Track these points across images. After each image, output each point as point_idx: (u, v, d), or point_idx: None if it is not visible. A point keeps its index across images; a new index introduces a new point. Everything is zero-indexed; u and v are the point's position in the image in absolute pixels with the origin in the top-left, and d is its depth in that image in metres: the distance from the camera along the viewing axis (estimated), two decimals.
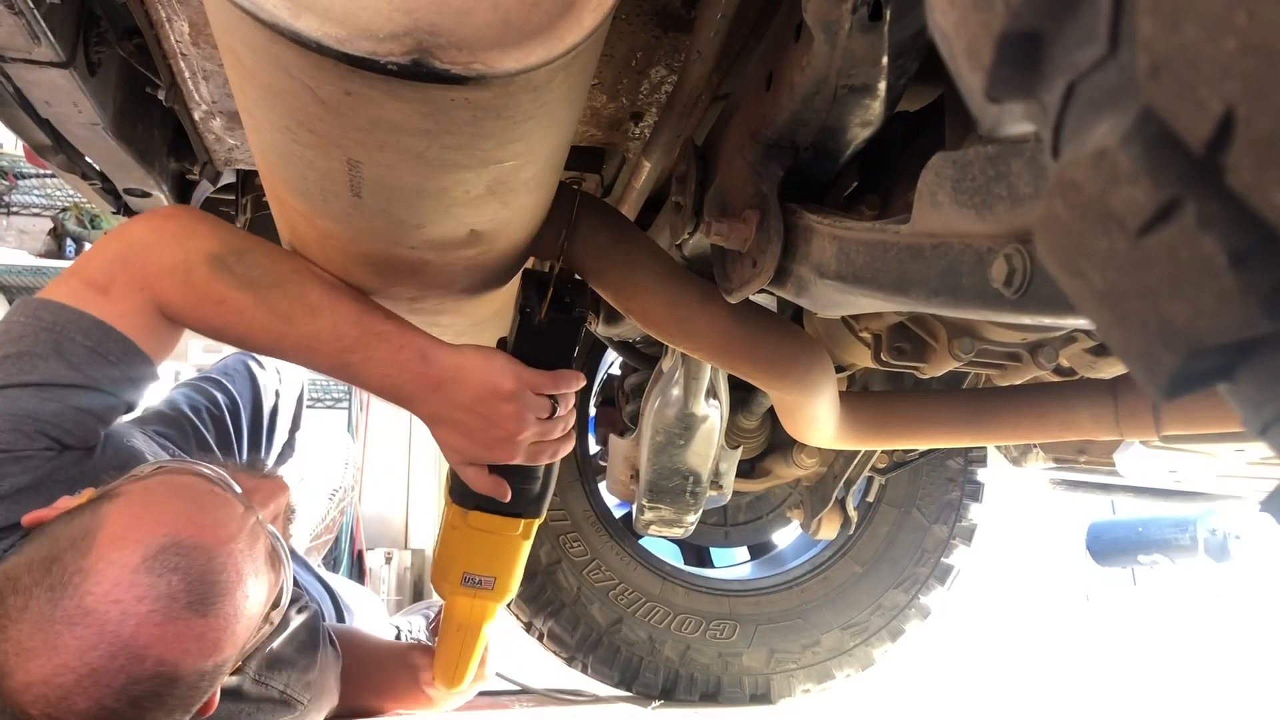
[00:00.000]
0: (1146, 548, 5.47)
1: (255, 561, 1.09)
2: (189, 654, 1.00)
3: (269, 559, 1.12)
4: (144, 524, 1.01)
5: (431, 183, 0.78)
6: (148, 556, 0.99)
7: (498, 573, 1.34)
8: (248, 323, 1.03)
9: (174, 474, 1.11)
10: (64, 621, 0.94)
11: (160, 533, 1.01)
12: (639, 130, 1.29)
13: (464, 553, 1.31)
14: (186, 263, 1.03)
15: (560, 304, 1.11)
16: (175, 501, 1.06)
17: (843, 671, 2.23)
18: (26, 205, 4.37)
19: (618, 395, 2.09)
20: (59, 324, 1.06)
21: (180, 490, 1.08)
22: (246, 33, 0.63)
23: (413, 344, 1.06)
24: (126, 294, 1.06)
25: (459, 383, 1.06)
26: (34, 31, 0.99)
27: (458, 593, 1.36)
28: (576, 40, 0.64)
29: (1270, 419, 0.26)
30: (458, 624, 1.43)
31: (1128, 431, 1.33)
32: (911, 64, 0.76)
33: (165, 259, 1.04)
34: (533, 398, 1.09)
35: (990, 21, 0.30)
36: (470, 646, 1.47)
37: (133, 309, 1.06)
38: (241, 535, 1.07)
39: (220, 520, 1.06)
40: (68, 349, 1.06)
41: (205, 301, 1.03)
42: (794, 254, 0.85)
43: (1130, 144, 0.26)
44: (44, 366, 1.06)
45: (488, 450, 1.11)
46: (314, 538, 2.80)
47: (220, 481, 1.13)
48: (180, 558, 1.00)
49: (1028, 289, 0.49)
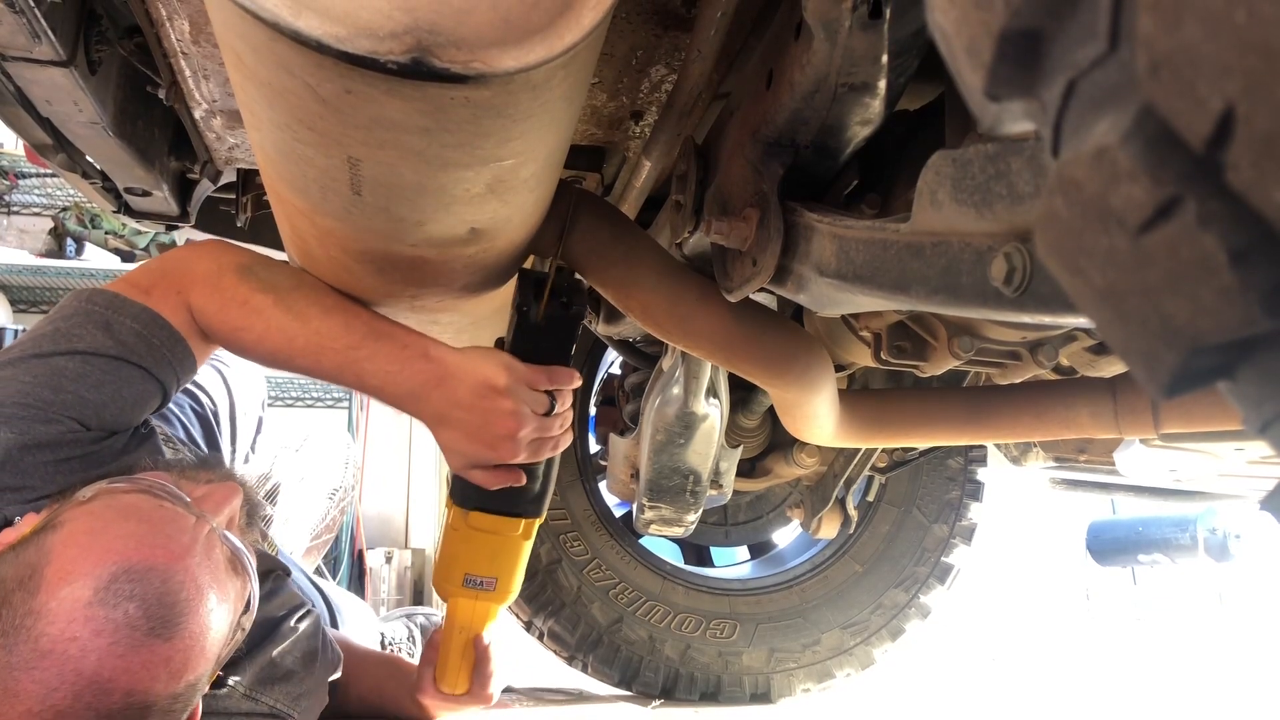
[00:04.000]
0: (1146, 547, 5.47)
1: (215, 572, 1.06)
2: (158, 680, 0.98)
3: (230, 566, 1.10)
4: (91, 553, 0.98)
5: (431, 181, 0.78)
6: (99, 588, 0.96)
7: (499, 574, 1.34)
8: (265, 321, 1.10)
9: (117, 494, 1.07)
10: (21, 667, 0.91)
11: (110, 560, 0.98)
12: (639, 129, 1.29)
13: (465, 554, 1.32)
14: (218, 271, 1.13)
15: (557, 303, 1.12)
16: (122, 524, 1.02)
17: (843, 671, 2.23)
18: (27, 204, 4.37)
19: (618, 394, 2.09)
20: (111, 306, 1.13)
21: (126, 511, 1.05)
22: (247, 31, 0.63)
23: (416, 343, 1.10)
24: (166, 295, 1.15)
25: (458, 379, 1.09)
26: (34, 30, 0.99)
27: (460, 594, 1.36)
28: (576, 39, 0.64)
29: (1270, 417, 0.26)
30: (460, 626, 1.43)
31: (1127, 430, 1.33)
32: (911, 62, 0.76)
33: (199, 268, 1.15)
34: (528, 392, 1.11)
35: (990, 19, 0.30)
36: (472, 650, 1.46)
37: (172, 307, 1.15)
38: (196, 548, 1.05)
39: (171, 536, 1.04)
40: (116, 328, 1.12)
41: (231, 302, 1.12)
42: (794, 252, 0.85)
43: (1130, 142, 0.26)
44: (90, 337, 1.11)
45: (490, 449, 1.12)
46: (314, 537, 2.80)
47: (167, 495, 1.10)
48: (134, 584, 0.97)
49: (1027, 287, 0.49)
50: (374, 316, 1.12)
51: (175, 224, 1.63)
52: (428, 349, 1.10)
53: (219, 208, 1.73)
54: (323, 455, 2.76)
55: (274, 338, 1.10)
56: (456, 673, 1.48)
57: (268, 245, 1.84)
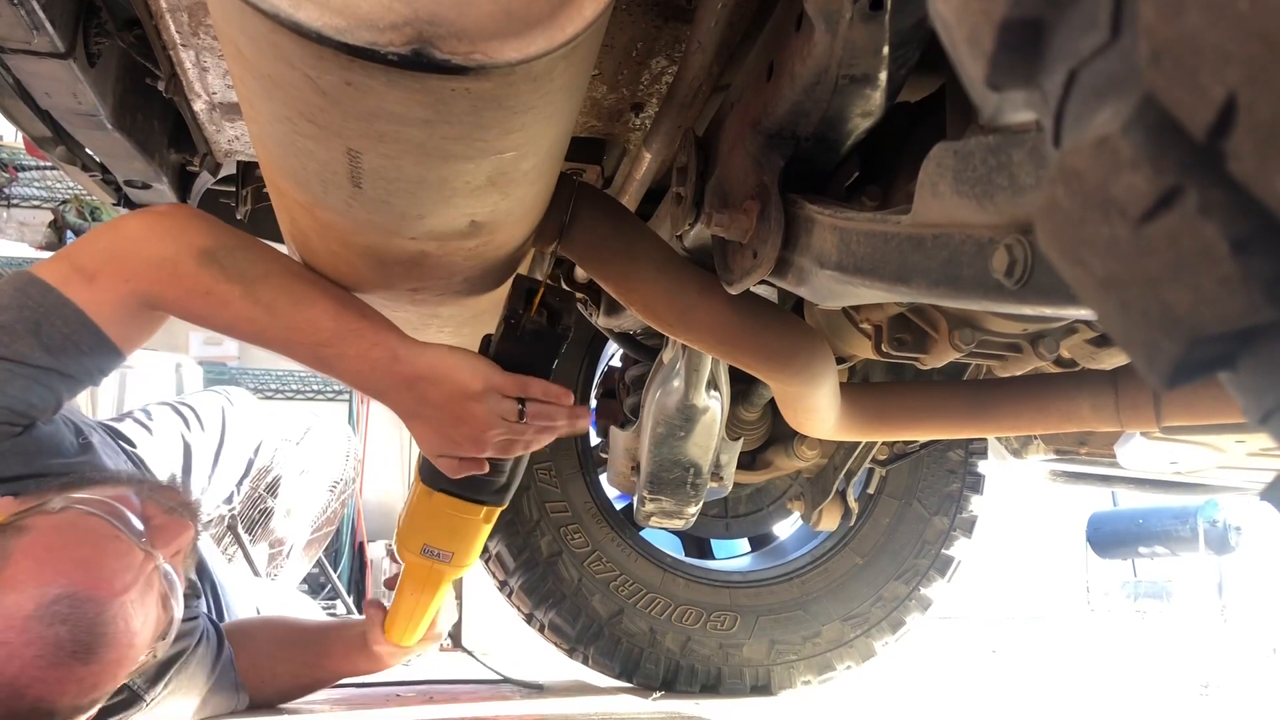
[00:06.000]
0: (1147, 539, 5.47)
1: (145, 608, 1.19)
2: (67, 694, 1.11)
3: (160, 602, 1.23)
4: (44, 570, 1.11)
5: (432, 173, 0.78)
6: (41, 604, 1.08)
7: (456, 549, 1.40)
8: (233, 313, 1.06)
9: (82, 515, 1.18)
10: None
11: (59, 582, 1.10)
12: (639, 121, 1.29)
13: (427, 527, 1.38)
14: (176, 257, 1.06)
15: (545, 317, 1.13)
16: (77, 549, 1.14)
17: (843, 663, 2.23)
18: (27, 197, 4.37)
19: (618, 387, 2.09)
20: (43, 305, 1.11)
21: (85, 536, 1.16)
22: (247, 23, 0.63)
23: (385, 342, 1.08)
24: (110, 285, 1.09)
25: (430, 381, 1.09)
26: (33, 22, 0.99)
27: (417, 560, 1.42)
28: (577, 30, 0.63)
29: (1271, 408, 0.26)
30: (414, 587, 1.50)
31: (1128, 423, 1.33)
32: (913, 54, 0.76)
33: (154, 253, 1.07)
34: (500, 400, 1.11)
35: (991, 9, 0.30)
36: (425, 605, 1.53)
37: (113, 300, 1.10)
38: (136, 586, 1.17)
39: (118, 571, 1.16)
40: (45, 331, 1.11)
41: (192, 294, 1.06)
42: (795, 245, 0.85)
43: (1132, 131, 0.26)
44: (19, 344, 1.12)
45: (457, 446, 1.14)
46: (315, 530, 2.81)
47: (125, 527, 1.20)
48: (72, 609, 1.10)
49: (1029, 279, 0.49)
50: (344, 308, 1.07)
51: None
52: (397, 350, 1.08)
53: (219, 200, 1.73)
54: (324, 448, 2.76)
55: (242, 328, 1.08)
56: (405, 625, 1.58)
57: (268, 238, 1.84)
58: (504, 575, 2.14)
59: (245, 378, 4.53)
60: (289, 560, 2.71)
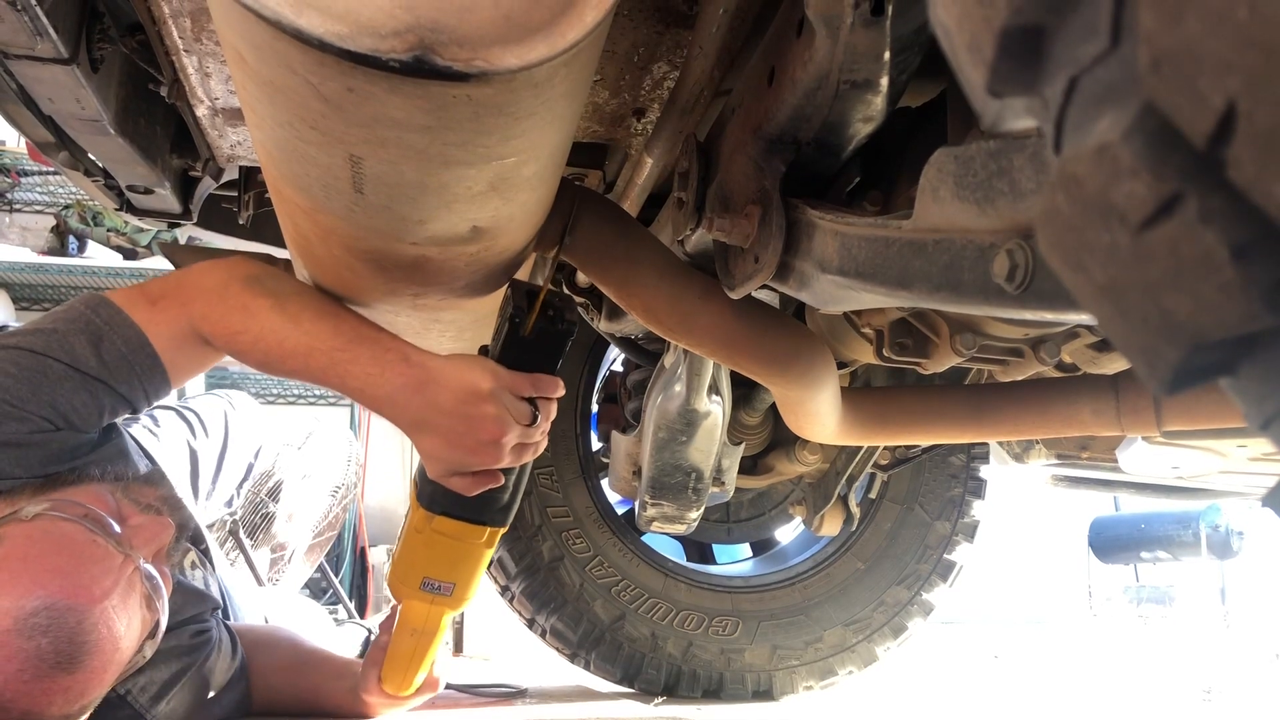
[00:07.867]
0: (1149, 544, 5.47)
1: (128, 612, 1.18)
2: (54, 704, 1.10)
3: (144, 603, 1.22)
4: (20, 581, 1.10)
5: (433, 179, 0.78)
6: (20, 617, 1.08)
7: (458, 579, 1.33)
8: (261, 323, 1.12)
9: (56, 521, 1.17)
10: None
11: (36, 594, 1.10)
12: (641, 126, 1.29)
13: (426, 557, 1.30)
14: (227, 281, 1.16)
15: (548, 317, 1.12)
16: (54, 558, 1.14)
17: (845, 668, 2.23)
18: (29, 202, 4.37)
19: (620, 392, 2.09)
20: (109, 323, 1.17)
21: (61, 544, 1.15)
22: (249, 29, 0.64)
23: (396, 348, 1.12)
24: (170, 308, 1.18)
25: (440, 385, 1.09)
26: (36, 28, 0.99)
27: (416, 597, 1.34)
28: (578, 36, 0.64)
29: (1272, 413, 0.26)
30: (413, 629, 1.42)
31: (1130, 427, 1.33)
32: (913, 59, 0.76)
33: (210, 280, 1.18)
34: (512, 399, 1.10)
35: (992, 16, 0.30)
36: (423, 652, 1.45)
37: (171, 324, 1.18)
38: (116, 590, 1.16)
39: (96, 577, 1.15)
40: (105, 346, 1.17)
41: (233, 309, 1.14)
42: (796, 249, 0.85)
43: (1132, 138, 0.26)
44: (79, 352, 1.17)
45: (471, 455, 1.11)
46: (317, 534, 2.81)
47: (101, 530, 1.19)
48: (52, 620, 1.09)
49: (1029, 284, 0.49)
50: (362, 322, 1.13)
51: (177, 221, 1.63)
52: (407, 354, 1.11)
53: (221, 205, 1.73)
54: (325, 452, 2.76)
55: (268, 339, 1.12)
56: (404, 674, 1.49)
57: (269, 243, 1.84)
58: (505, 580, 2.13)
59: (247, 382, 4.53)
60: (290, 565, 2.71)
